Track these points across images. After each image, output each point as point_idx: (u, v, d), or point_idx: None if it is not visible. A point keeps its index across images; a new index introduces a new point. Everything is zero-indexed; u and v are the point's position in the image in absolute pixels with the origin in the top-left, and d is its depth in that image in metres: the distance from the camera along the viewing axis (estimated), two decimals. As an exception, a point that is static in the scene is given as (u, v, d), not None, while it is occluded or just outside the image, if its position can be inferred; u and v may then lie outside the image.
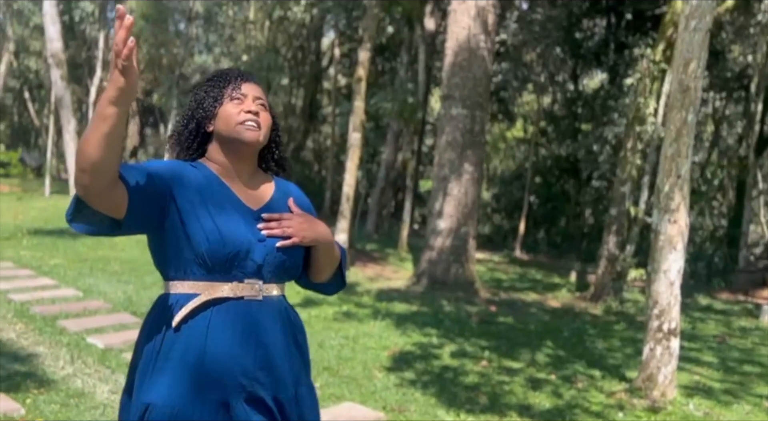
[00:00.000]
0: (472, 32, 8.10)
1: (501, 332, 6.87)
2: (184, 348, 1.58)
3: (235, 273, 1.63)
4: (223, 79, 1.74)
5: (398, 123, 14.66)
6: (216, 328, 1.59)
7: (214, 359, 1.58)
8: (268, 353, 1.65)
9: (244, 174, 1.75)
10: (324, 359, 5.30)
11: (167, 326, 1.60)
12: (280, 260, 1.69)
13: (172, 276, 1.65)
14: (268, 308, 1.67)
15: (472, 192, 8.38)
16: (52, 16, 15.83)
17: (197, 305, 1.59)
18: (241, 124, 1.67)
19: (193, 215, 1.61)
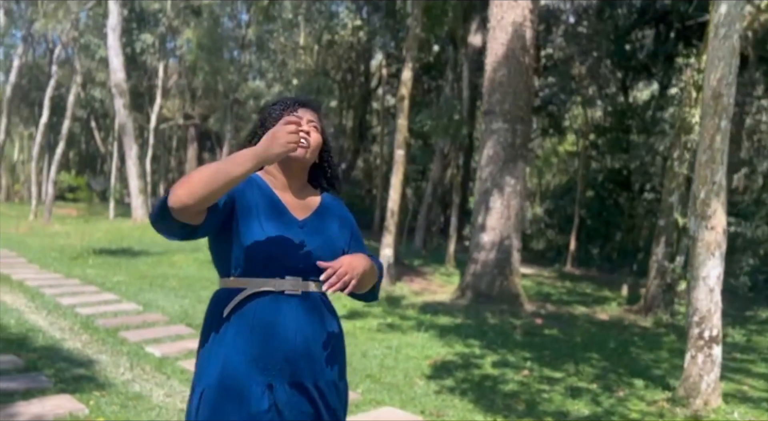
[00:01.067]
0: (510, 48, 8.24)
1: (545, 343, 6.89)
2: (234, 335, 1.81)
3: (278, 271, 1.85)
4: (284, 103, 1.99)
5: (445, 140, 14.84)
6: (260, 317, 1.82)
7: (259, 345, 1.80)
8: (307, 342, 1.86)
9: (294, 187, 1.98)
10: (367, 368, 5.47)
11: (220, 317, 1.84)
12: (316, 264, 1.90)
13: (225, 273, 1.89)
14: (307, 302, 1.88)
15: (514, 205, 8.45)
16: (116, 49, 16.81)
17: (244, 297, 1.82)
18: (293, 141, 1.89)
19: (248, 220, 1.86)
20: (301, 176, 2.00)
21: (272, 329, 1.82)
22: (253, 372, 1.80)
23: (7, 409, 3.97)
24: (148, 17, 18.26)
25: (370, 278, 2.00)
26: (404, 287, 9.84)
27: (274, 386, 1.82)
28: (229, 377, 1.79)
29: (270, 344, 1.82)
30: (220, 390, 1.79)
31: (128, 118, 17.28)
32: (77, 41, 17.69)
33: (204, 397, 1.81)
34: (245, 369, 1.79)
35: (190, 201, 1.65)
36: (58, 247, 13.07)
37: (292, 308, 1.86)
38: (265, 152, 1.70)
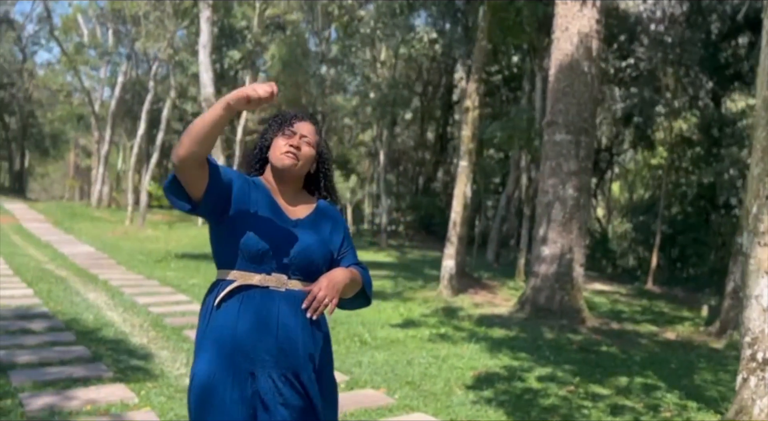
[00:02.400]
0: (574, 58, 8.11)
1: (600, 360, 6.70)
2: (221, 324, 1.97)
3: (265, 267, 2.01)
4: (283, 117, 2.18)
5: (519, 152, 14.68)
6: (245, 309, 1.98)
7: (243, 334, 1.96)
8: (289, 336, 1.99)
9: (288, 193, 2.16)
10: (408, 375, 5.55)
11: (212, 306, 2.02)
12: (304, 264, 2.06)
13: (221, 265, 2.07)
14: (290, 299, 2.02)
15: (577, 218, 8.27)
16: (206, 65, 17.81)
17: (232, 289, 1.98)
18: (283, 153, 2.09)
19: (243, 216, 2.03)
20: (294, 185, 2.17)
21: (256, 321, 1.96)
22: (237, 360, 1.94)
23: (65, 393, 4.36)
24: (236, 34, 19.25)
25: (352, 287, 2.12)
26: (465, 299, 9.82)
27: (257, 375, 1.95)
28: (216, 364, 1.94)
29: (253, 336, 1.95)
30: (208, 376, 1.94)
31: (216, 131, 18.18)
32: (173, 58, 18.90)
33: (194, 382, 1.97)
34: (230, 357, 1.94)
35: (184, 152, 1.85)
36: (146, 251, 13.99)
37: (276, 304, 1.99)
38: (233, 97, 1.84)
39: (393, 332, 7.25)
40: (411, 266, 13.93)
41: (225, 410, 1.92)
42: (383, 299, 9.47)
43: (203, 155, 1.89)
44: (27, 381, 4.53)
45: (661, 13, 15.86)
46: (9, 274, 9.21)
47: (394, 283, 11.26)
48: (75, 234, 15.27)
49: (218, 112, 1.85)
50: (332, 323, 7.48)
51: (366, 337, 6.90)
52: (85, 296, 8.02)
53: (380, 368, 5.70)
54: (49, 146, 35.04)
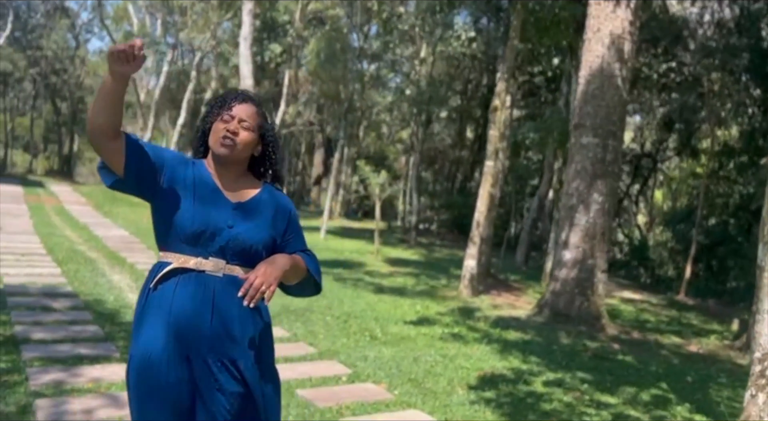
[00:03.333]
0: (605, 60, 7.94)
1: (613, 368, 6.57)
2: (156, 307, 1.99)
3: (201, 250, 2.00)
4: (222, 100, 2.14)
5: (553, 154, 14.46)
6: (180, 293, 1.98)
7: (177, 318, 1.97)
8: (225, 322, 1.99)
9: (229, 176, 2.13)
10: (412, 372, 5.55)
11: (148, 288, 2.03)
12: (241, 248, 2.04)
13: (160, 247, 2.08)
14: (228, 284, 2.01)
15: (601, 223, 8.11)
16: (246, 57, 18.04)
17: (168, 271, 1.99)
18: (220, 139, 2.06)
19: (179, 196, 2.03)
20: (236, 169, 2.14)
21: (190, 306, 1.96)
22: (171, 344, 1.94)
23: (72, 370, 4.51)
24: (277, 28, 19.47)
25: (295, 274, 2.10)
26: (485, 300, 9.74)
27: (192, 359, 1.95)
28: (152, 347, 1.95)
29: (187, 320, 1.96)
30: (144, 358, 1.95)
31: (254, 122, 18.44)
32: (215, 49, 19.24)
33: (132, 364, 1.99)
34: (164, 340, 1.94)
35: (89, 125, 1.88)
36: (178, 237, 14.28)
37: (211, 289, 1.98)
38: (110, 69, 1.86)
39: (405, 329, 7.25)
40: (436, 265, 13.88)
41: (163, 392, 1.93)
42: (402, 295, 9.47)
43: (108, 128, 1.89)
44: (37, 357, 4.69)
45: (709, 17, 15.38)
46: (42, 253, 9.54)
47: (416, 280, 11.24)
48: (112, 218, 15.71)
49: (106, 81, 1.87)
50: (345, 316, 7.54)
51: (377, 332, 6.92)
52: (110, 277, 8.25)
53: (385, 364, 5.71)
54: (97, 132, 36.01)
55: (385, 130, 27.59)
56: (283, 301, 7.98)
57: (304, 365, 5.45)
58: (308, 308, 7.75)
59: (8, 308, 6.11)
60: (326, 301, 8.40)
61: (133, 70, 1.86)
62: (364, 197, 25.18)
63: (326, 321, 7.23)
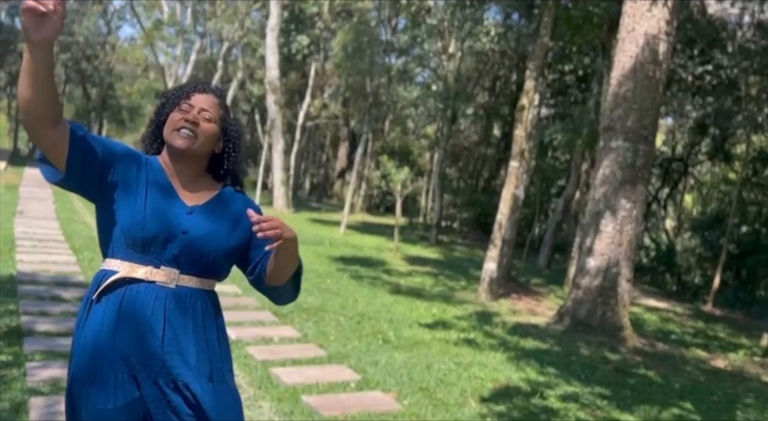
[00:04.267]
0: (639, 61, 7.61)
1: (635, 384, 6.29)
2: (100, 321, 1.77)
3: (151, 258, 1.78)
4: (180, 90, 1.94)
5: (581, 155, 14.10)
6: (127, 307, 1.76)
7: (123, 336, 1.75)
8: (177, 339, 1.77)
9: (184, 175, 1.91)
10: (424, 380, 5.35)
11: (89, 300, 1.82)
12: (197, 256, 1.82)
13: (105, 252, 1.86)
14: (181, 297, 1.79)
15: (628, 231, 7.79)
16: (273, 48, 17.97)
17: (113, 281, 1.77)
18: (177, 130, 1.85)
19: (127, 196, 1.81)
20: (194, 167, 1.92)
21: (138, 321, 1.76)
22: (118, 363, 1.74)
23: (72, 366, 4.39)
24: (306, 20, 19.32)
25: (293, 260, 1.89)
26: (505, 304, 9.48)
27: (140, 380, 1.75)
28: (96, 365, 1.74)
29: (135, 337, 1.75)
30: (88, 376, 1.75)
31: (278, 114, 18.40)
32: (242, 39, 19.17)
33: (74, 380, 1.79)
34: (111, 358, 1.74)
35: (21, 103, 1.62)
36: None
37: (162, 302, 1.77)
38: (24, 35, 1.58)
39: (419, 333, 7.05)
40: (456, 265, 13.64)
41: (110, 418, 1.73)
42: (419, 297, 9.27)
43: (41, 111, 1.63)
44: (39, 350, 4.60)
45: (749, 19, 14.83)
46: (60, 239, 9.53)
47: (435, 280, 11.02)
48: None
49: (26, 55, 1.59)
50: (359, 317, 7.37)
51: (390, 335, 6.73)
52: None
53: (396, 370, 5.52)
54: (125, 118, 36.48)
55: (410, 125, 27.34)
56: (297, 299, 7.82)
57: (312, 368, 5.29)
58: (321, 307, 7.59)
59: (17, 297, 6.05)
60: (341, 300, 8.24)
61: (49, 33, 1.55)
62: (386, 192, 25.00)
63: (339, 322, 7.06)
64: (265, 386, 4.74)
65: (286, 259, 1.87)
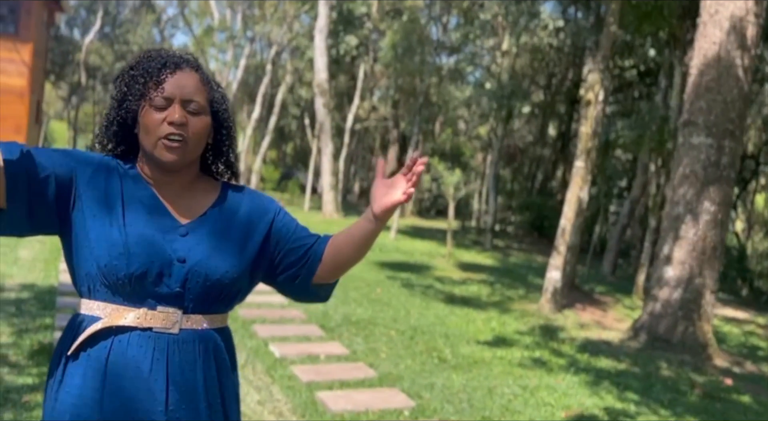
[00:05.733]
0: (724, 48, 6.81)
1: (729, 411, 5.52)
2: (80, 384, 1.32)
3: (143, 298, 1.33)
4: (145, 70, 1.39)
5: (649, 154, 13.19)
6: (116, 364, 1.31)
7: (112, 402, 1.31)
8: (185, 404, 1.34)
9: (177, 184, 1.44)
10: (487, 407, 4.76)
11: (63, 356, 1.37)
12: (204, 287, 1.36)
13: (81, 292, 1.40)
14: (186, 344, 1.35)
15: (712, 237, 6.99)
16: (321, 50, 17.63)
17: (95, 332, 1.32)
18: (162, 139, 1.35)
19: (101, 221, 1.34)
20: (186, 173, 1.44)
21: (132, 383, 1.31)
22: None
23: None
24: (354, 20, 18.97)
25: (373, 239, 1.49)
26: (570, 316, 8.76)
27: None
28: None
29: (129, 406, 1.30)
30: None
31: (327, 117, 18.05)
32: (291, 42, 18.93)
33: None
34: None
35: None
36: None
37: (163, 354, 1.32)
38: None
39: (478, 350, 6.44)
40: (513, 272, 12.92)
41: None
42: (475, 307, 8.65)
43: None
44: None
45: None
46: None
47: (492, 290, 10.37)
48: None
49: None
50: (411, 332, 6.82)
51: (446, 353, 6.15)
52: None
53: (454, 395, 4.94)
54: (178, 125, 37.01)
55: (462, 126, 26.65)
56: (345, 310, 7.34)
57: (361, 392, 4.77)
58: (371, 320, 7.08)
59: (55, 309, 5.77)
60: (392, 312, 7.71)
61: None
62: (437, 196, 24.38)
63: (390, 336, 6.53)
64: (310, 414, 4.25)
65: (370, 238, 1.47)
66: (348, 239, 1.49)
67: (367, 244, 1.48)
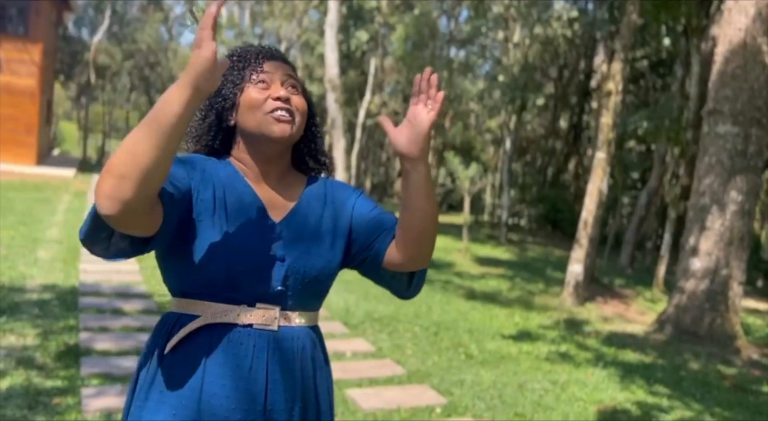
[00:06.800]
0: (750, 34, 6.68)
1: (761, 405, 5.43)
2: (179, 382, 1.29)
3: (244, 296, 1.31)
4: (243, 58, 1.41)
5: (666, 145, 13.04)
6: (216, 362, 1.29)
7: (212, 400, 1.27)
8: (285, 400, 1.31)
9: (273, 176, 1.42)
10: (519, 403, 4.69)
11: (159, 353, 1.34)
12: (306, 284, 1.35)
13: (176, 291, 1.38)
14: (285, 341, 1.33)
15: (739, 227, 6.88)
16: (332, 45, 17.51)
17: (193, 330, 1.30)
18: (269, 113, 1.35)
19: (205, 223, 1.32)
20: (282, 162, 1.42)
21: (231, 380, 1.27)
22: None
23: (130, 392, 3.96)
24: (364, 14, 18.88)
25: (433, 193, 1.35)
26: (593, 310, 8.67)
27: None
28: None
29: (227, 402, 1.27)
30: None
31: (338, 113, 17.94)
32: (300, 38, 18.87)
33: None
34: None
35: (126, 193, 1.08)
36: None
37: (263, 352, 1.29)
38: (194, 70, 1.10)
39: (504, 345, 6.37)
40: (531, 266, 12.83)
41: None
42: (496, 302, 8.57)
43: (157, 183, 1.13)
44: (96, 373, 4.20)
45: None
46: (124, 247, 9.30)
47: (511, 284, 10.29)
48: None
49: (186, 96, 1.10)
50: (435, 328, 6.75)
51: (472, 349, 6.08)
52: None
53: (485, 392, 4.87)
54: (188, 123, 37.02)
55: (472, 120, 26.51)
56: (367, 307, 7.28)
57: (391, 389, 4.71)
58: (394, 317, 7.02)
59: (78, 310, 5.74)
60: (413, 308, 7.65)
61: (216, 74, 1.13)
62: (449, 190, 24.27)
63: (414, 333, 6.46)
64: (342, 413, 4.19)
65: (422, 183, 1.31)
66: (405, 202, 1.36)
67: (422, 194, 1.32)
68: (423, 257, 1.39)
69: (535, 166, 26.30)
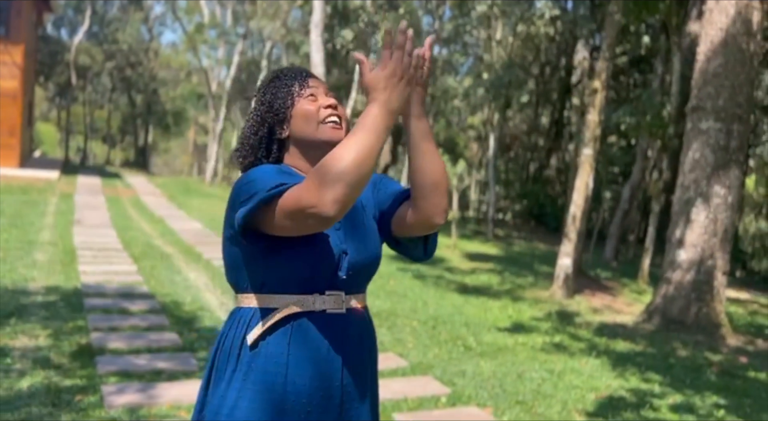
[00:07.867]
0: (730, 33, 6.94)
1: (747, 389, 5.70)
2: (263, 369, 1.44)
3: (317, 285, 1.48)
4: (289, 76, 1.59)
5: (648, 141, 13.36)
6: (298, 347, 1.45)
7: (297, 380, 1.44)
8: (357, 375, 1.51)
9: None
10: (519, 392, 4.89)
11: (243, 343, 1.48)
12: (364, 270, 1.56)
13: (254, 286, 1.51)
14: (352, 322, 1.51)
15: (723, 220, 7.15)
16: (317, 44, 17.58)
17: (276, 321, 1.45)
18: (323, 122, 1.53)
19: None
20: None
21: (313, 361, 1.44)
22: (292, 414, 1.43)
23: (149, 389, 4.08)
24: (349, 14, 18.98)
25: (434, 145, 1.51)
26: (582, 302, 8.92)
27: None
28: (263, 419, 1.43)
29: (311, 381, 1.44)
30: None
31: (325, 111, 18.04)
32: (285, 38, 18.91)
33: None
34: (281, 412, 1.43)
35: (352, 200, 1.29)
36: (252, 229, 14.02)
37: (337, 334, 1.47)
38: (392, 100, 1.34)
39: (501, 337, 6.58)
40: (519, 260, 13.09)
41: None
42: (489, 296, 8.79)
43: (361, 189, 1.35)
44: (113, 371, 4.31)
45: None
46: (119, 248, 9.37)
47: (501, 278, 10.52)
48: (186, 210, 15.63)
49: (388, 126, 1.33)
50: (433, 322, 6.94)
51: (470, 341, 6.28)
52: (186, 275, 7.94)
53: (486, 381, 5.07)
54: (170, 123, 36.87)
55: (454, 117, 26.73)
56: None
57: (396, 381, 4.89)
58: (392, 312, 7.19)
59: (85, 311, 5.83)
60: (409, 303, 7.83)
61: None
62: (435, 187, 24.38)
63: (413, 327, 6.65)
64: (352, 404, 4.35)
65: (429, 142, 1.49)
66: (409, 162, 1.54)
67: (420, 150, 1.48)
68: (438, 211, 1.52)
69: (518, 163, 26.61)
